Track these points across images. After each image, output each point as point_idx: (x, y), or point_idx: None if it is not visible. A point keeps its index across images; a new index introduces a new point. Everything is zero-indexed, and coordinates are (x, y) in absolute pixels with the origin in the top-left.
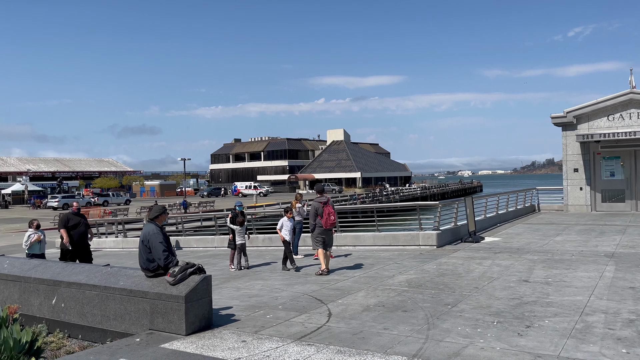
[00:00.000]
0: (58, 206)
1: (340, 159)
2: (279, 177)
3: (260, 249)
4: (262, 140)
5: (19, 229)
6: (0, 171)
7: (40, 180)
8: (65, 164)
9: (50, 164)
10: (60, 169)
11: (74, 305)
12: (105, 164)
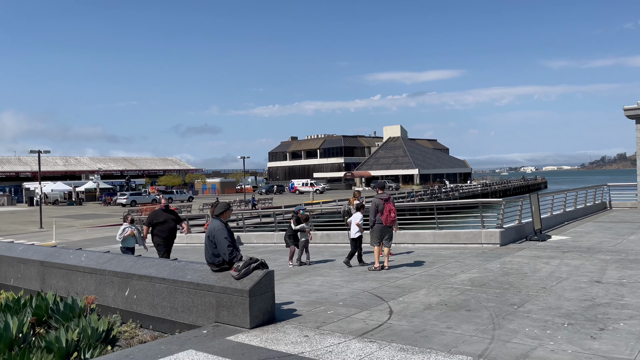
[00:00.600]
0: (126, 203)
1: (397, 156)
2: (335, 174)
3: (319, 245)
4: (318, 137)
5: (92, 224)
6: (74, 170)
7: (110, 178)
8: (132, 162)
9: (119, 163)
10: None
11: (145, 297)
12: (169, 163)
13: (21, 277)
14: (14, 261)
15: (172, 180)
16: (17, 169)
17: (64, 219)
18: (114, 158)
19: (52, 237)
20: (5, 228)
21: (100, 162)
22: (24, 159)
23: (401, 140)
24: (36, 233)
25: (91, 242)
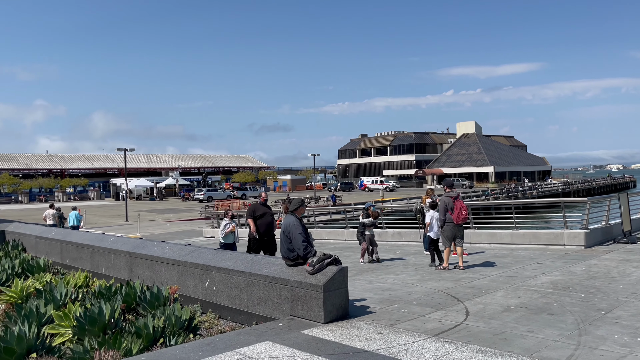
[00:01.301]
0: (203, 198)
1: (470, 153)
2: (405, 171)
3: (390, 243)
4: (389, 134)
5: (172, 218)
6: (156, 167)
7: (188, 175)
8: (208, 160)
9: (197, 160)
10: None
11: (223, 289)
12: (242, 160)
13: (111, 267)
14: (105, 251)
15: (246, 177)
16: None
17: (147, 213)
18: (191, 156)
19: (137, 229)
20: (96, 221)
21: (179, 160)
22: (111, 157)
23: (475, 137)
24: (122, 226)
25: (172, 235)
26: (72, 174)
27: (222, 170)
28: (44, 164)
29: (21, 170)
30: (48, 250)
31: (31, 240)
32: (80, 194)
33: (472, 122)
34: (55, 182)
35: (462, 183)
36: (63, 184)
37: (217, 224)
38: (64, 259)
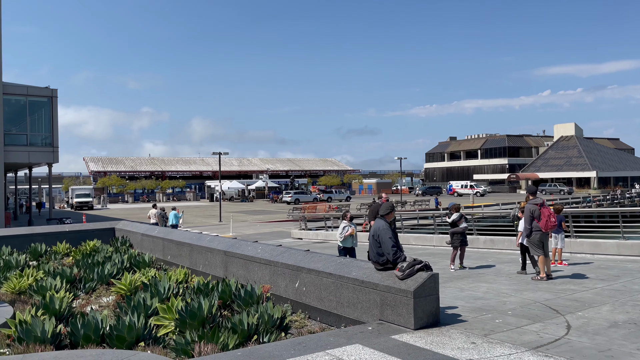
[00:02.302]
0: (290, 201)
1: (570, 157)
2: (497, 176)
3: (482, 250)
4: (479, 137)
5: (262, 220)
6: (247, 170)
7: (277, 177)
8: (296, 163)
9: (285, 163)
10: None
11: (313, 290)
12: (328, 164)
13: (208, 264)
14: (203, 250)
15: (331, 180)
16: (201, 168)
17: (238, 214)
18: (280, 159)
19: (230, 229)
20: (192, 220)
21: (268, 163)
22: (206, 160)
23: (575, 139)
24: (216, 226)
25: (262, 236)
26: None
27: (309, 173)
28: (147, 167)
29: (127, 173)
30: (152, 247)
31: (137, 238)
32: (178, 195)
33: (571, 124)
34: (157, 183)
35: (559, 189)
36: (163, 185)
37: (305, 225)
38: (165, 255)
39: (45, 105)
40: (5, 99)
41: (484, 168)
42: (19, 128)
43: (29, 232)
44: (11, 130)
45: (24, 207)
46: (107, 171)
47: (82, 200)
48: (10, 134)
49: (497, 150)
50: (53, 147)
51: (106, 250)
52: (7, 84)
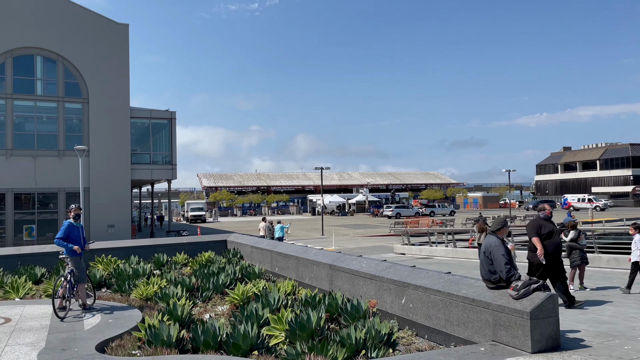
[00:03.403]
0: (391, 215)
1: None
2: (619, 188)
3: (605, 270)
4: (598, 147)
5: (363, 234)
6: (347, 184)
7: (377, 191)
8: (396, 177)
9: (385, 177)
10: (392, 181)
11: (420, 307)
12: (430, 177)
13: (314, 277)
14: (309, 263)
15: (434, 194)
16: (303, 183)
17: (340, 227)
18: (380, 173)
19: (332, 243)
20: (296, 234)
21: (368, 177)
22: (308, 175)
23: None
24: (319, 239)
25: (363, 250)
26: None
27: (410, 187)
28: (254, 182)
29: (236, 188)
30: (261, 259)
31: (247, 250)
32: (282, 209)
33: None
34: (262, 197)
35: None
36: (268, 199)
37: (407, 240)
38: (273, 267)
39: (166, 127)
40: (132, 122)
41: (604, 180)
42: (143, 148)
43: (152, 244)
44: (136, 150)
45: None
46: (218, 186)
47: (196, 213)
48: (136, 154)
49: (619, 160)
50: (172, 165)
51: (220, 262)
52: (134, 108)
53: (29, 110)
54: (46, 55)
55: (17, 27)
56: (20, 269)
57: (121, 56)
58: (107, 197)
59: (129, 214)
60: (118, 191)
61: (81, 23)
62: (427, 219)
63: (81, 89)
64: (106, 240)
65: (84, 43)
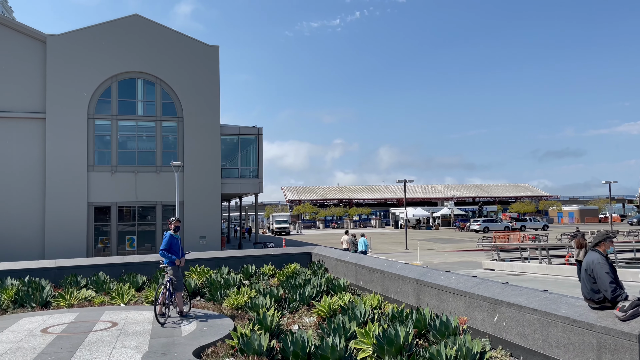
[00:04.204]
0: (479, 229)
1: None
2: None
3: None
4: None
5: (449, 248)
6: (431, 197)
7: (463, 205)
8: (483, 189)
9: (471, 190)
10: (479, 194)
11: (514, 326)
12: (520, 189)
13: (400, 292)
14: (394, 277)
15: (524, 207)
16: (385, 196)
17: (424, 241)
18: (466, 185)
19: (417, 257)
20: (379, 247)
21: (453, 190)
22: (390, 188)
23: None
24: (402, 253)
25: (450, 265)
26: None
27: (499, 200)
28: (336, 195)
29: (318, 201)
30: (345, 272)
31: (331, 262)
32: (364, 222)
33: None
34: (344, 210)
35: None
36: (350, 212)
37: (497, 256)
38: (358, 280)
39: (253, 142)
40: (222, 138)
41: None
42: (232, 163)
43: (241, 255)
44: (226, 165)
45: (239, 232)
46: (301, 199)
47: (280, 226)
48: (225, 168)
49: None
50: (259, 179)
51: (305, 273)
52: (223, 125)
53: (130, 129)
54: (146, 79)
55: (121, 54)
56: (124, 277)
57: (212, 76)
58: (199, 209)
59: (219, 226)
60: (209, 204)
61: (176, 47)
62: (517, 234)
63: (176, 109)
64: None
65: (179, 65)
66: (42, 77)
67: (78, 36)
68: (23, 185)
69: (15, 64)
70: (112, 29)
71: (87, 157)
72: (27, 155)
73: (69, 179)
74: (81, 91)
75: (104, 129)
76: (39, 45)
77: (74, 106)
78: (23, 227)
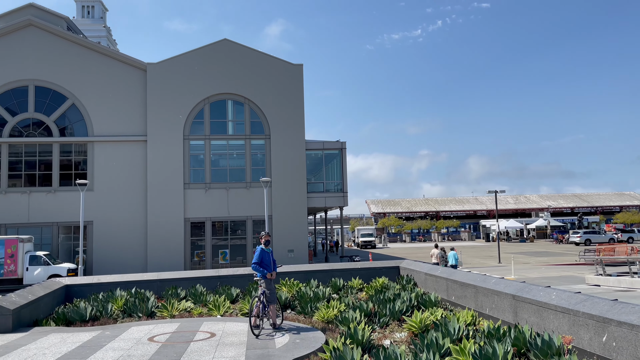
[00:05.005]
0: (580, 241)
1: None
2: None
3: None
4: None
5: (546, 262)
6: (524, 208)
7: (560, 215)
8: (583, 199)
9: (569, 199)
10: (578, 204)
11: (626, 346)
12: (626, 198)
13: (495, 308)
14: (489, 292)
15: (631, 218)
16: (474, 207)
17: (518, 255)
18: (563, 195)
19: (511, 272)
20: (470, 261)
21: (548, 200)
22: (480, 199)
23: None
24: (495, 267)
25: (548, 281)
26: (445, 215)
27: (601, 209)
28: (422, 207)
29: (403, 213)
30: (435, 287)
31: (420, 277)
32: (453, 235)
33: None
34: (431, 223)
35: None
36: (438, 225)
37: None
38: (449, 296)
39: (337, 156)
40: (307, 153)
41: None
42: (316, 177)
43: (328, 268)
44: (311, 180)
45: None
46: (386, 212)
47: (366, 239)
48: (311, 183)
49: None
50: (343, 193)
51: (394, 288)
52: (308, 141)
53: (222, 148)
54: (235, 99)
55: (212, 77)
56: (219, 289)
57: (297, 94)
58: (287, 223)
59: (306, 240)
60: (296, 218)
61: (263, 67)
62: (624, 246)
63: (264, 127)
64: (286, 263)
65: (265, 85)
66: (143, 103)
67: (174, 63)
68: (128, 202)
69: (120, 92)
70: (203, 54)
71: (183, 175)
72: (130, 174)
73: (168, 196)
74: (177, 114)
75: (198, 149)
76: (140, 73)
77: (171, 128)
78: (128, 241)
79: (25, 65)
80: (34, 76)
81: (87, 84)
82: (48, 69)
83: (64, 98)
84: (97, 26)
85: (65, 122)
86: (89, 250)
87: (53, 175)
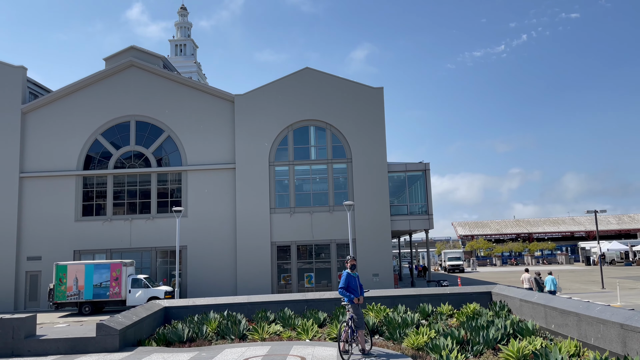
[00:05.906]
0: None
1: None
2: None
3: None
4: None
5: None
6: (628, 228)
7: None
8: None
9: None
10: None
11: None
12: None
13: (601, 337)
14: (593, 320)
15: None
16: (571, 229)
17: (624, 279)
18: None
19: (617, 298)
20: (569, 286)
21: None
22: (577, 219)
23: None
24: (598, 293)
25: None
26: (539, 237)
27: None
28: (512, 229)
29: (492, 236)
30: (532, 314)
31: (515, 303)
32: (548, 258)
33: None
34: (524, 246)
35: None
36: (531, 247)
37: None
38: (548, 324)
39: (420, 178)
40: (389, 176)
41: None
42: (400, 199)
43: (416, 293)
44: (394, 202)
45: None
46: (474, 235)
47: (453, 263)
48: (394, 205)
49: None
50: (428, 215)
51: (486, 314)
52: (390, 163)
53: (305, 173)
54: (317, 125)
55: (295, 105)
56: (306, 313)
57: (378, 117)
58: (370, 247)
59: (391, 263)
60: (380, 241)
61: (344, 92)
62: None
63: (345, 151)
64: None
65: (346, 110)
66: (232, 132)
67: (259, 93)
68: (218, 227)
69: (210, 123)
70: (286, 82)
71: (269, 200)
72: (220, 200)
73: (256, 220)
74: (263, 141)
75: (282, 174)
76: (228, 104)
77: (258, 155)
78: (219, 264)
79: (127, 102)
80: (135, 112)
81: (180, 116)
82: (147, 104)
83: (161, 131)
84: (189, 62)
85: (161, 153)
86: (184, 273)
87: (151, 203)
